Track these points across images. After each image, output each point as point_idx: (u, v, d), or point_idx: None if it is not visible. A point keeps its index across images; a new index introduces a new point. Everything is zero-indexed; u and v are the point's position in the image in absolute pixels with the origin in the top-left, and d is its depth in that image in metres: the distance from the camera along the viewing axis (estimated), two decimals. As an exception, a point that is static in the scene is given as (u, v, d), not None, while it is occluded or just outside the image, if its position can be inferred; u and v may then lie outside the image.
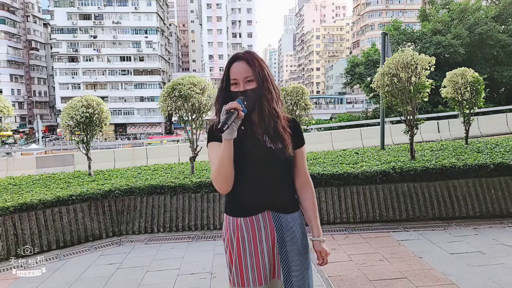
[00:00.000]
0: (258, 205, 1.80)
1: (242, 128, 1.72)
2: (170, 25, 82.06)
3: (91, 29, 63.88)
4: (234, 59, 1.80)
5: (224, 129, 1.57)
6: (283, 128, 1.83)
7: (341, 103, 59.84)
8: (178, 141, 24.54)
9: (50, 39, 67.56)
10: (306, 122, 8.62)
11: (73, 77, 63.42)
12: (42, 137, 33.38)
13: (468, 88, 7.99)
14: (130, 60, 64.45)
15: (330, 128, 22.53)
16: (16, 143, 53.17)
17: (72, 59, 63.76)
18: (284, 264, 1.80)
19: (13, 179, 7.36)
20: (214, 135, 1.77)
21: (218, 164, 1.68)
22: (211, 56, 66.58)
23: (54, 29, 64.08)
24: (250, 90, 1.76)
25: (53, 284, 4.17)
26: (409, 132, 6.81)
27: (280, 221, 1.81)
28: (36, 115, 61.88)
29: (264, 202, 1.80)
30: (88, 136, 7.09)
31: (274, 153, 1.78)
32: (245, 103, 1.68)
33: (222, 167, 1.68)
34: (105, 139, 49.73)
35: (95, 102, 7.03)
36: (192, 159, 6.73)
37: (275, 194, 1.80)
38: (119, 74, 64.31)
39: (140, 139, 48.48)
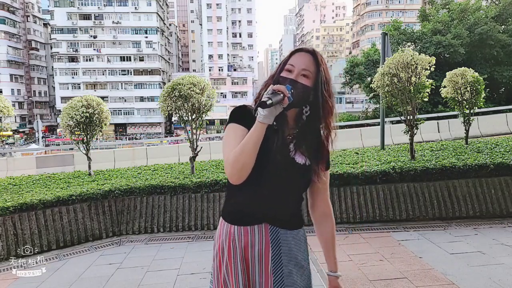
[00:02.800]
0: (256, 215, 1.57)
1: (274, 123, 1.46)
2: (170, 25, 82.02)
3: (91, 29, 63.84)
4: (300, 49, 1.55)
5: (267, 103, 1.34)
6: (323, 145, 1.57)
7: (340, 102, 59.97)
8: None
9: (50, 39, 67.49)
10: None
11: (73, 77, 63.37)
12: (42, 137, 33.35)
13: (468, 88, 7.99)
14: (130, 60, 64.39)
15: None
16: (25, 142, 53.05)
17: (72, 59, 63.70)
18: (278, 286, 1.56)
19: (13, 179, 7.36)
20: (238, 116, 1.54)
21: (241, 148, 1.41)
22: (210, 56, 66.48)
23: (54, 29, 64.03)
24: (301, 84, 1.48)
25: (53, 284, 4.17)
26: (409, 132, 6.81)
27: (278, 237, 1.57)
28: (36, 115, 61.83)
29: (264, 214, 1.57)
30: (88, 136, 7.10)
31: (299, 169, 1.54)
32: (292, 91, 1.43)
33: (244, 153, 1.41)
34: (106, 139, 49.70)
35: (95, 102, 7.04)
36: (192, 159, 6.73)
37: (280, 209, 1.57)
38: (119, 74, 64.25)
39: (141, 139, 48.45)
